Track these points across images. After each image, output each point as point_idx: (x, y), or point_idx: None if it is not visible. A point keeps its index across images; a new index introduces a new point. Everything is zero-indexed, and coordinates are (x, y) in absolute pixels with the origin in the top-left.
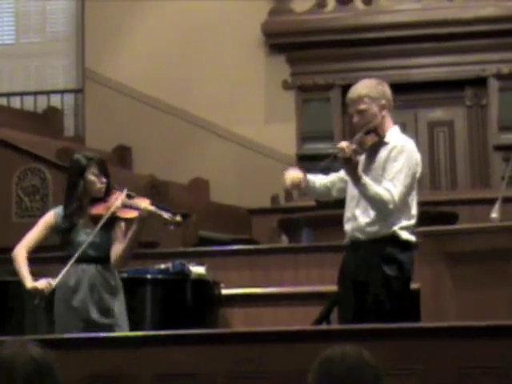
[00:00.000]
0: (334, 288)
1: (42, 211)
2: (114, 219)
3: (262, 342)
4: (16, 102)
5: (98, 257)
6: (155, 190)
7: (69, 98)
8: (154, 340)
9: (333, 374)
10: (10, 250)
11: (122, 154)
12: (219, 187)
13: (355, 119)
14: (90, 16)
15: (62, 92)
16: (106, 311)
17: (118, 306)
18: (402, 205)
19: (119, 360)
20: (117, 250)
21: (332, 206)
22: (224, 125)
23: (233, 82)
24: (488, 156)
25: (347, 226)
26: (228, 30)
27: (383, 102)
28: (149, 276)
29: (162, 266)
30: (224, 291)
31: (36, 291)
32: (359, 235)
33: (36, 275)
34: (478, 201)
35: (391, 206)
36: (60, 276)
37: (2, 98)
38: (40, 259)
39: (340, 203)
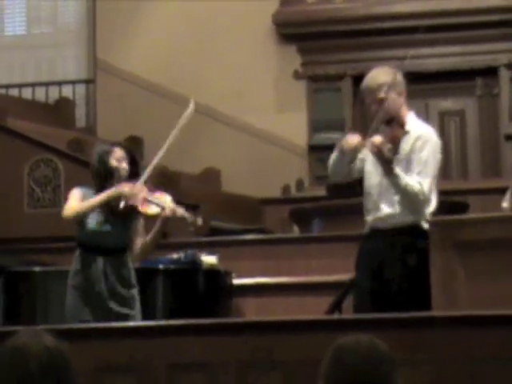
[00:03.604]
0: (345, 277)
1: (54, 202)
2: (135, 213)
3: (273, 332)
4: (28, 93)
5: (114, 247)
6: (166, 180)
7: (80, 89)
8: (166, 330)
9: (346, 364)
10: (22, 240)
11: (134, 145)
12: (230, 177)
13: (374, 108)
14: (101, 6)
15: (74, 82)
16: (120, 302)
17: (132, 297)
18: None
19: (132, 350)
20: (138, 243)
21: (343, 196)
22: (235, 115)
23: (244, 72)
24: (499, 145)
25: (368, 217)
26: (239, 19)
27: (400, 88)
28: (161, 266)
29: (174, 256)
30: (236, 281)
31: (120, 196)
32: (380, 225)
33: (48, 265)
34: (489, 190)
35: (421, 197)
36: (144, 176)
37: (13, 88)
38: (51, 249)
39: (351, 193)
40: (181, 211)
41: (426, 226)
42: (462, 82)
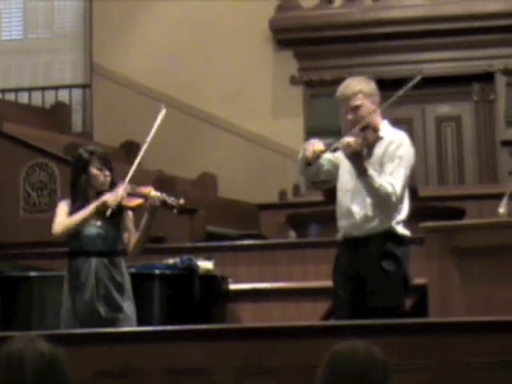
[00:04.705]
0: None
1: (50, 206)
2: (120, 210)
3: (269, 338)
4: (24, 98)
5: (105, 251)
6: (163, 185)
7: (76, 94)
8: (162, 335)
9: (342, 370)
10: (18, 245)
11: (130, 150)
12: (227, 182)
13: (350, 116)
14: (97, 11)
15: (70, 87)
16: (113, 306)
17: (126, 301)
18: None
19: (127, 355)
20: (131, 240)
21: None
22: (231, 120)
23: (240, 77)
24: (495, 151)
25: (342, 222)
26: (236, 25)
27: (375, 98)
28: (157, 271)
29: (170, 261)
30: (232, 286)
31: (106, 205)
32: (355, 232)
33: (44, 270)
34: (486, 196)
35: (394, 199)
36: (127, 179)
37: (10, 93)
38: (47, 254)
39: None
40: (162, 196)
41: (400, 230)
42: (458, 88)
